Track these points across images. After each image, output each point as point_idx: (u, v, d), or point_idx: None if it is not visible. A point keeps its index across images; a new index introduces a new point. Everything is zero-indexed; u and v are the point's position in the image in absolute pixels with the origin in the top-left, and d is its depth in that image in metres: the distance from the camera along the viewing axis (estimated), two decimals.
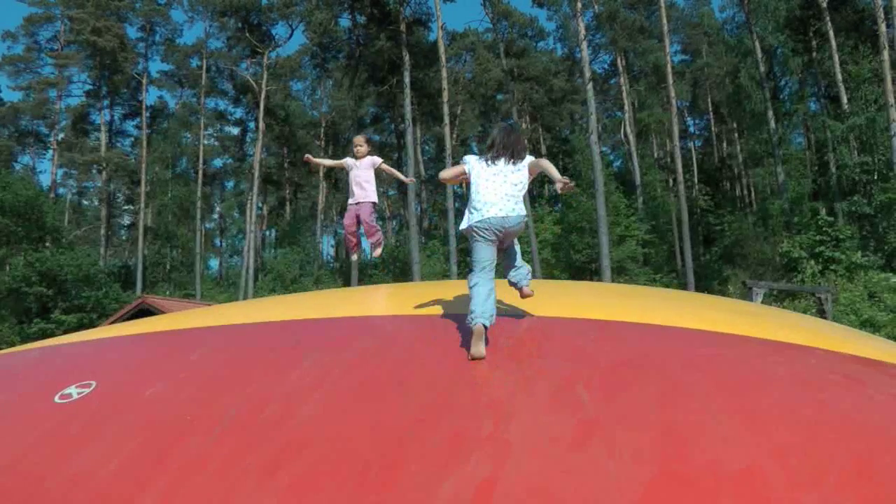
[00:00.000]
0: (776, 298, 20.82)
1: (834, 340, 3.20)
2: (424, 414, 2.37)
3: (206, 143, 48.23)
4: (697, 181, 44.99)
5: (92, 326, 22.89)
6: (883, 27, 28.54)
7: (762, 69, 34.06)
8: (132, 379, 3.15)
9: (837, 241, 25.13)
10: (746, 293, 14.39)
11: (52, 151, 47.55)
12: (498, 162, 3.29)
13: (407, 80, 33.31)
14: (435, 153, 52.01)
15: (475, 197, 3.22)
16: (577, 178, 38.61)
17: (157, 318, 5.91)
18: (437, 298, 3.74)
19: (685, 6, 51.82)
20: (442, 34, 34.46)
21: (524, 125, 47.52)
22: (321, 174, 46.94)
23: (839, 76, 31.59)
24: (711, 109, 48.72)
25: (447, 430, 2.24)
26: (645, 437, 2.09)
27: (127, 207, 53.50)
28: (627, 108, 44.14)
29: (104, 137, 46.91)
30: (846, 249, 24.81)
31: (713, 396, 2.36)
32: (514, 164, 3.30)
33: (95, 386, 2.91)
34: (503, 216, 3.13)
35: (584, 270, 31.15)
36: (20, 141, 47.58)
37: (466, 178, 3.38)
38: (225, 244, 60.23)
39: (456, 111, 43.80)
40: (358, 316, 4.01)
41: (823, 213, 27.18)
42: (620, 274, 29.98)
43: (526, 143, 3.57)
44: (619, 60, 45.22)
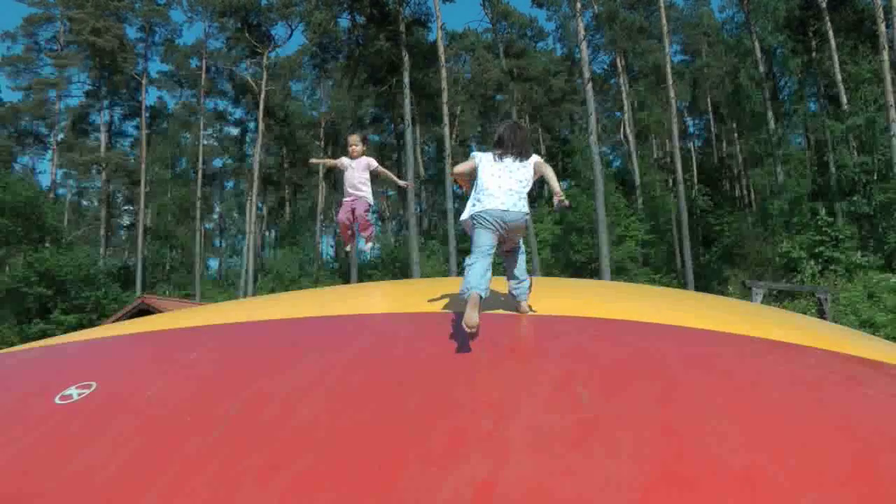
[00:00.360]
0: (776, 299, 20.83)
1: (833, 340, 3.20)
2: (424, 414, 2.37)
3: (205, 143, 48.22)
4: (697, 181, 44.96)
5: (91, 326, 22.85)
6: (882, 27, 28.56)
7: (762, 69, 34.07)
8: (132, 379, 3.15)
9: (837, 241, 25.17)
10: (746, 293, 14.39)
11: (51, 152, 47.58)
12: (505, 159, 3.33)
13: (406, 80, 33.31)
14: (434, 153, 52.02)
15: (479, 190, 3.27)
16: (576, 178, 38.74)
17: (156, 317, 5.90)
18: (436, 295, 3.74)
19: (685, 6, 51.89)
20: (441, 34, 34.47)
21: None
22: (321, 174, 46.94)
23: (839, 76, 31.60)
24: (711, 109, 48.73)
25: (447, 429, 2.24)
26: (644, 436, 2.09)
27: (126, 208, 53.60)
28: (627, 108, 44.14)
29: (104, 138, 46.94)
30: (846, 249, 24.85)
31: (713, 396, 2.36)
32: (520, 161, 3.34)
33: (96, 387, 2.91)
34: (504, 209, 3.16)
35: (583, 270, 31.13)
36: (20, 141, 47.54)
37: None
38: (224, 244, 60.27)
39: (455, 111, 43.82)
40: (357, 314, 4.00)
41: (823, 213, 27.17)
42: (620, 274, 29.99)
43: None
44: (618, 60, 45.22)
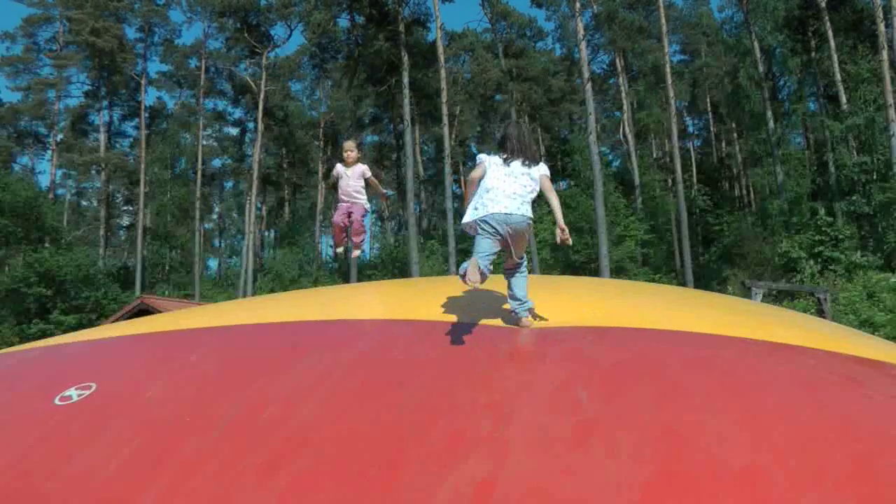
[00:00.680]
0: (775, 299, 20.81)
1: (833, 340, 3.20)
2: (424, 414, 2.37)
3: (204, 143, 48.14)
4: (696, 181, 44.97)
5: (91, 327, 22.84)
6: (882, 27, 28.55)
7: (761, 69, 34.06)
8: (132, 380, 3.15)
9: (836, 240, 25.16)
10: (745, 293, 14.38)
11: (51, 152, 47.47)
12: (513, 163, 3.33)
13: (406, 80, 33.30)
14: (434, 153, 52.00)
15: (483, 194, 3.26)
16: (575, 178, 38.75)
17: (156, 317, 5.89)
18: (436, 295, 3.73)
19: (684, 6, 51.92)
20: (441, 34, 34.44)
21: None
22: (320, 174, 46.92)
23: (838, 76, 31.61)
24: (710, 109, 48.73)
25: (447, 430, 2.24)
26: (644, 437, 2.09)
27: (126, 208, 53.51)
28: (626, 108, 44.12)
29: (103, 138, 46.89)
30: (845, 249, 24.85)
31: (713, 396, 2.36)
32: (528, 167, 3.33)
33: (95, 388, 2.91)
34: (507, 213, 3.16)
35: (582, 270, 31.12)
36: (19, 141, 47.47)
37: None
38: (224, 244, 60.24)
39: (455, 111, 43.77)
40: (357, 319, 4.00)
41: (822, 213, 27.19)
42: (619, 274, 29.98)
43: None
44: (617, 60, 45.20)
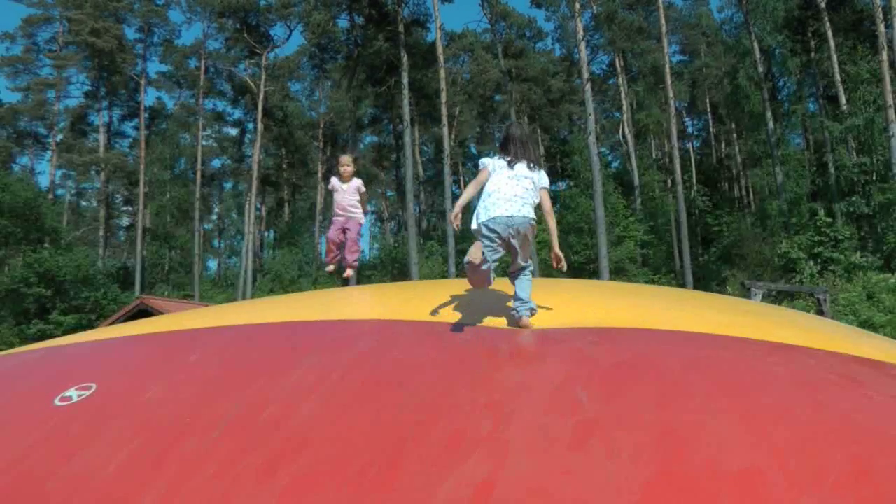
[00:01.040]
0: (775, 299, 20.81)
1: (834, 340, 3.20)
2: (424, 414, 2.37)
3: (204, 143, 48.17)
4: (696, 182, 44.99)
5: (90, 327, 22.86)
6: (882, 27, 28.57)
7: (761, 70, 34.08)
8: (132, 381, 3.15)
9: (836, 241, 25.17)
10: (745, 294, 14.38)
11: (50, 152, 47.47)
12: (517, 165, 3.38)
13: (405, 80, 33.31)
14: (433, 154, 52.01)
15: (486, 198, 3.30)
16: (575, 178, 38.74)
17: (155, 318, 5.91)
18: (436, 297, 3.73)
19: (683, 7, 52.00)
20: (440, 35, 34.46)
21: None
22: (320, 175, 46.92)
23: (838, 77, 31.64)
24: (710, 110, 48.78)
25: (447, 430, 2.24)
26: (644, 437, 2.09)
27: (125, 208, 53.46)
28: (626, 108, 44.15)
29: (103, 138, 46.88)
30: (845, 250, 24.86)
31: (712, 397, 2.36)
32: (531, 170, 3.38)
33: (95, 388, 2.91)
34: (509, 215, 3.21)
35: (582, 271, 31.13)
36: (19, 142, 47.47)
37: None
38: (223, 245, 60.24)
39: (454, 112, 43.84)
40: (357, 319, 4.01)
41: (822, 213, 27.19)
42: (619, 275, 30.00)
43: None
44: (617, 61, 45.23)
